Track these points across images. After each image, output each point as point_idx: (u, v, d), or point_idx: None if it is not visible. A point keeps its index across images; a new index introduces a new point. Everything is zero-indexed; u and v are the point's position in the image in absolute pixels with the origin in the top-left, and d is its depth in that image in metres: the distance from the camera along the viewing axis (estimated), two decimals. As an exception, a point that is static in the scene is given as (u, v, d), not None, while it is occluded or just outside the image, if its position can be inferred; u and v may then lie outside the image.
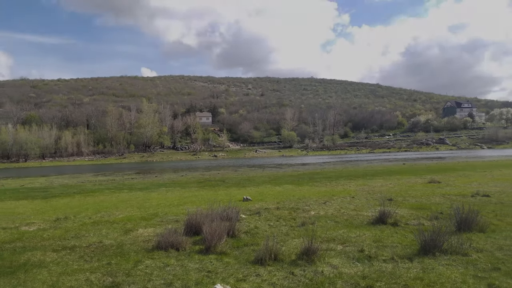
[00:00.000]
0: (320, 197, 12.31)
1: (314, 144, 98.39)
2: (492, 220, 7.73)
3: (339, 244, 6.18)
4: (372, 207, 9.81)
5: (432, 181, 16.41)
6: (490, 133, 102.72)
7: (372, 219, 8.02)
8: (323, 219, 8.44)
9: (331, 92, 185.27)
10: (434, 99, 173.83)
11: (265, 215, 9.17)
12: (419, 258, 5.24)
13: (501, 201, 10.41)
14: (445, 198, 11.35)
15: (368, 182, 17.50)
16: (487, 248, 5.67)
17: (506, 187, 13.68)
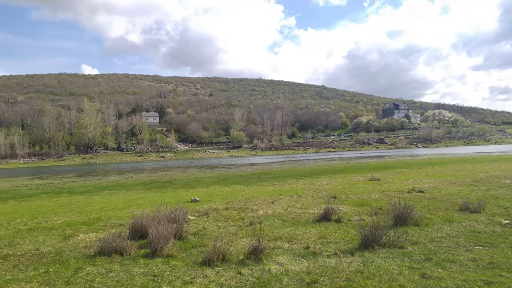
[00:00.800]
0: (268, 197, 12.49)
1: (262, 144, 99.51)
2: (426, 214, 8.32)
3: (286, 242, 6.32)
4: (317, 205, 10.15)
5: (373, 179, 17.30)
6: (424, 133, 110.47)
7: (317, 217, 8.28)
8: (271, 218, 8.57)
9: (279, 93, 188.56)
10: (375, 101, 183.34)
11: (213, 215, 9.13)
12: (360, 252, 5.51)
13: (433, 196, 11.22)
14: (384, 194, 12.01)
15: (314, 181, 18.05)
16: (421, 240, 6.10)
17: (438, 183, 14.78)
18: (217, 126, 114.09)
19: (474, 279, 4.22)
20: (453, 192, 11.84)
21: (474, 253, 5.29)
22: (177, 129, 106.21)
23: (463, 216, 7.99)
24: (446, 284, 4.13)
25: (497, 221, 7.30)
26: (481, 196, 10.79)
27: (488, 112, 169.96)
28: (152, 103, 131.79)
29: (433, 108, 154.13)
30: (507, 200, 9.91)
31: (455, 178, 16.27)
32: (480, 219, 7.57)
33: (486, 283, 4.08)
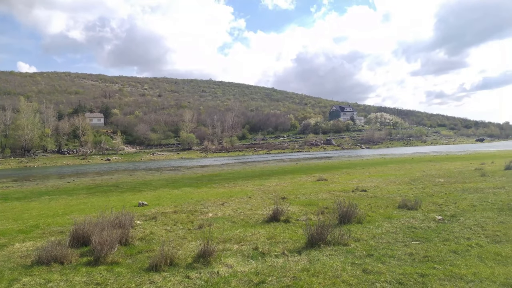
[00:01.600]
0: (218, 199, 12.44)
1: (213, 146, 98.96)
2: (368, 212, 8.74)
3: (235, 244, 6.33)
4: (267, 206, 10.28)
5: (320, 179, 17.85)
6: (368, 135, 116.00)
7: (266, 218, 8.40)
8: (220, 220, 8.55)
9: (229, 94, 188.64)
10: (322, 103, 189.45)
11: (161, 219, 8.93)
12: (307, 251, 5.67)
13: (375, 195, 11.82)
14: (330, 194, 12.45)
15: (264, 182, 18.26)
16: (363, 237, 6.40)
17: (379, 182, 15.59)
18: (166, 127, 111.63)
19: (410, 272, 4.51)
20: (393, 191, 12.55)
21: (411, 247, 5.65)
22: (123, 131, 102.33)
23: (402, 213, 8.50)
24: (385, 278, 4.37)
25: (432, 217, 7.85)
26: (418, 194, 11.54)
27: (425, 115, 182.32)
28: (96, 103, 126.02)
29: (376, 111, 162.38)
30: (440, 197, 10.68)
31: (395, 177, 17.25)
32: (416, 216, 8.09)
33: (421, 276, 4.38)
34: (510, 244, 5.56)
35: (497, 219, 7.40)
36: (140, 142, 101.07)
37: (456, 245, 5.64)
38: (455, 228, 6.82)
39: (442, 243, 5.82)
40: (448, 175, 17.28)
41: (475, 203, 9.40)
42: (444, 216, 7.93)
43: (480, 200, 9.72)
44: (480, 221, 7.30)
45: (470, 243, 5.73)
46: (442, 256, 5.11)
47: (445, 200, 10.11)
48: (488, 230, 6.54)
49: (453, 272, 4.40)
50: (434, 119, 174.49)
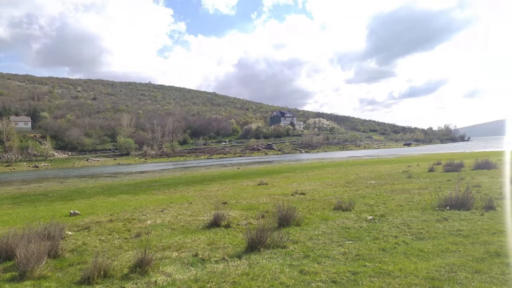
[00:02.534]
0: (157, 205, 12.11)
1: (153, 151, 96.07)
2: (306, 214, 9.04)
3: (174, 251, 6.21)
4: (208, 212, 10.21)
5: (261, 183, 18.12)
6: (307, 139, 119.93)
7: (207, 223, 8.34)
8: (159, 228, 8.33)
9: (169, 98, 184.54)
10: (263, 108, 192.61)
11: (95, 229, 8.48)
12: (247, 255, 5.72)
13: (313, 197, 12.25)
14: (271, 198, 12.68)
15: (205, 188, 18.11)
16: (301, 239, 6.61)
17: (317, 185, 16.19)
18: (102, 132, 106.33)
19: (343, 270, 4.75)
20: (330, 193, 13.10)
21: (345, 247, 5.95)
22: (54, 136, 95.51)
23: (337, 214, 8.90)
24: (321, 278, 4.56)
25: (364, 217, 8.32)
26: (352, 195, 12.16)
27: (359, 121, 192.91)
28: (23, 106, 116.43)
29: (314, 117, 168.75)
30: (371, 198, 11.35)
31: (332, 180, 18.03)
32: (350, 216, 8.52)
33: (353, 273, 4.62)
34: (432, 240, 6.07)
35: (421, 217, 8.03)
36: (73, 147, 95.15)
37: (385, 243, 6.03)
38: (384, 227, 7.30)
39: (373, 242, 6.19)
40: (379, 177, 18.42)
41: (402, 203, 10.12)
42: (375, 216, 8.45)
43: (407, 200, 10.49)
44: (406, 220, 7.87)
45: (397, 240, 6.16)
46: (372, 254, 5.44)
47: (376, 201, 10.76)
48: (413, 228, 7.07)
49: (382, 268, 4.71)
50: (367, 124, 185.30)
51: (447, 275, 4.30)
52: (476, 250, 5.26)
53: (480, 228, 6.62)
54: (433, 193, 11.20)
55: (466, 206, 8.61)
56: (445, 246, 5.62)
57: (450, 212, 8.29)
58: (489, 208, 8.40)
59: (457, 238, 6.06)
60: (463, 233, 6.39)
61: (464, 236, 6.18)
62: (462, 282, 4.08)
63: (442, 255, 5.17)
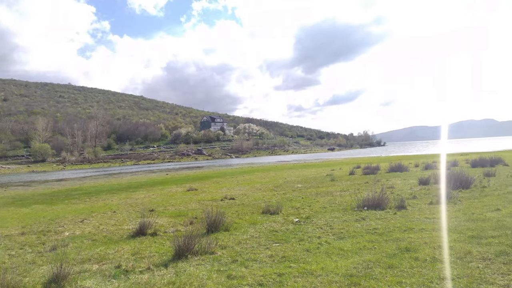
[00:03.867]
0: (77, 215, 11.32)
1: (73, 157, 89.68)
2: (235, 219, 9.10)
3: (95, 264, 5.85)
4: (133, 220, 9.80)
5: (191, 189, 17.85)
6: (237, 145, 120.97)
7: (132, 232, 8.00)
8: (79, 239, 7.79)
9: (92, 101, 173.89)
10: (193, 113, 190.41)
11: (4, 243, 7.68)
12: (174, 263, 5.59)
13: (243, 202, 12.37)
14: (200, 204, 12.55)
15: (131, 195, 17.34)
16: (230, 244, 6.63)
17: (247, 190, 16.38)
18: (14, 137, 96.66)
19: (270, 273, 4.86)
20: (258, 197, 13.34)
21: (272, 250, 6.09)
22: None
23: (265, 218, 9.09)
24: (247, 281, 4.61)
25: (290, 220, 8.60)
26: (279, 199, 12.51)
27: (287, 127, 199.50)
28: None
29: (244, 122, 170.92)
30: (298, 201, 11.79)
31: (261, 185, 18.37)
32: (277, 220, 8.76)
33: (279, 275, 4.75)
34: (351, 239, 6.47)
35: (342, 218, 8.53)
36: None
37: (309, 244, 6.30)
38: (309, 228, 7.62)
39: (298, 243, 6.43)
40: (305, 181, 19.20)
41: (325, 205, 10.65)
42: (301, 218, 8.78)
43: (330, 202, 11.07)
44: (329, 221, 8.30)
45: (320, 241, 6.46)
46: (297, 255, 5.64)
47: (301, 203, 11.19)
48: (335, 228, 7.47)
49: (306, 268, 4.91)
50: (295, 130, 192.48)
51: (363, 271, 4.62)
52: (389, 247, 5.72)
53: (393, 226, 7.21)
54: (353, 194, 11.97)
55: (381, 206, 9.33)
56: (362, 244, 6.02)
57: (367, 212, 8.92)
58: (401, 207, 9.19)
59: (373, 236, 6.54)
60: (379, 231, 6.91)
61: (379, 234, 6.69)
62: (377, 277, 4.40)
63: (360, 253, 5.54)
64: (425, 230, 6.66)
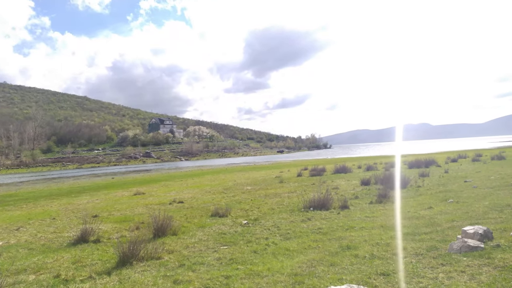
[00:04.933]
0: (12, 223, 10.57)
1: (8, 161, 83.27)
2: (184, 223, 9.00)
3: (31, 274, 5.51)
4: (75, 227, 9.36)
5: (138, 193, 17.32)
6: (187, 147, 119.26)
7: (73, 239, 7.64)
8: (13, 249, 7.29)
9: (30, 101, 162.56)
10: (141, 115, 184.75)
11: None
12: (117, 271, 5.41)
13: (192, 205, 12.25)
14: (147, 208, 12.23)
15: (73, 200, 16.48)
16: (177, 248, 6.55)
17: (196, 193, 16.23)
18: None
19: (217, 276, 4.87)
20: (208, 200, 13.28)
21: (220, 252, 6.11)
22: None
23: (214, 221, 9.09)
24: (194, 285, 4.59)
25: (239, 222, 8.67)
26: (229, 201, 12.55)
27: (237, 129, 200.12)
28: None
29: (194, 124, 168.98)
30: (247, 203, 11.90)
31: (210, 187, 18.29)
32: (226, 222, 8.79)
33: (226, 278, 4.78)
34: (297, 239, 6.67)
35: (289, 219, 8.75)
36: None
37: (257, 245, 6.40)
38: (257, 230, 7.73)
39: (246, 245, 6.51)
40: (255, 183, 19.41)
41: (274, 206, 10.86)
42: (249, 220, 8.88)
43: (278, 204, 11.30)
44: (277, 222, 8.48)
45: (267, 242, 6.59)
46: (245, 257, 5.72)
47: (250, 205, 11.32)
48: (282, 229, 7.65)
49: (252, 270, 4.99)
50: (245, 133, 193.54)
51: (308, 270, 4.79)
52: (332, 245, 5.97)
53: (336, 225, 7.54)
54: (300, 196, 12.32)
55: (326, 207, 9.69)
56: (307, 243, 6.23)
57: (313, 213, 9.23)
58: (344, 207, 9.62)
59: (317, 236, 6.78)
60: (323, 230, 7.18)
61: (324, 233, 6.96)
62: (320, 275, 4.59)
63: (305, 252, 5.73)
64: (365, 229, 7.03)
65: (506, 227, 5.77)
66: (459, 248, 4.84)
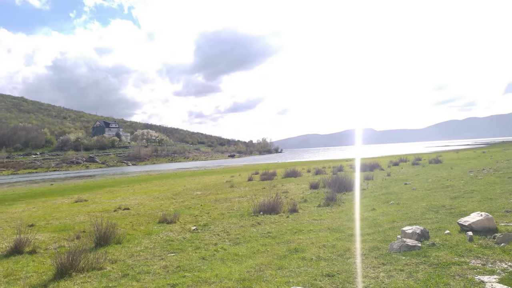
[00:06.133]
0: None
1: None
2: (129, 230, 8.65)
3: (-46, 292, 4.99)
4: (8, 237, 8.67)
5: (79, 200, 16.43)
6: (134, 152, 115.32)
7: (5, 251, 7.06)
8: None
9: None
10: (84, 118, 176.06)
11: None
12: (55, 283, 5.05)
13: (138, 212, 11.82)
14: (90, 216, 11.61)
15: (7, 209, 15.26)
16: (121, 257, 6.26)
17: (143, 199, 15.71)
18: None
19: (163, 284, 4.71)
20: (156, 206, 12.90)
21: (166, 260, 5.93)
22: None
23: (161, 227, 8.83)
24: (138, 296, 4.41)
25: (188, 228, 8.50)
26: (177, 207, 12.28)
27: (187, 133, 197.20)
28: None
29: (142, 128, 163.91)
30: (196, 209, 11.71)
31: (159, 193, 17.79)
32: (175, 229, 8.57)
33: (172, 286, 4.63)
34: (246, 244, 6.66)
35: (239, 224, 8.73)
36: None
37: (205, 252, 6.29)
38: (206, 236, 7.62)
39: (194, 251, 6.38)
40: (205, 188, 19.19)
41: (224, 211, 10.79)
42: (198, 226, 8.74)
43: (228, 209, 11.24)
44: (226, 227, 8.42)
45: (216, 248, 6.51)
46: (193, 264, 5.59)
47: (200, 211, 11.15)
48: (231, 234, 7.61)
49: (200, 277, 4.88)
50: (195, 137, 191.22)
51: (256, 275, 4.78)
52: (280, 249, 6.03)
53: (285, 229, 7.63)
54: (250, 200, 12.35)
55: (276, 210, 9.80)
56: (256, 248, 6.24)
57: (263, 217, 9.28)
58: (293, 211, 9.78)
59: (266, 240, 6.82)
60: (272, 234, 7.24)
61: (273, 237, 7.01)
62: (267, 279, 4.60)
63: (253, 257, 5.72)
64: (312, 231, 7.18)
65: (440, 227, 6.16)
66: (398, 248, 5.09)
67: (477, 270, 4.10)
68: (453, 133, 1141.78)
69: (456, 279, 3.91)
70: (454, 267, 4.24)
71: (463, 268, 4.20)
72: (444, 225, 6.22)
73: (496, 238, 5.07)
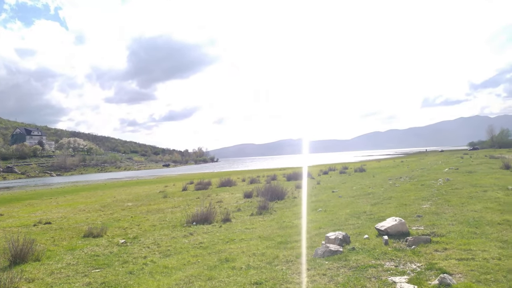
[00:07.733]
0: None
1: None
2: (50, 246, 8.06)
3: None
4: None
5: (-7, 215, 14.92)
6: (59, 161, 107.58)
7: None
8: None
9: None
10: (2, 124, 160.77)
11: None
12: (-41, 309, 4.58)
13: (61, 226, 11.05)
14: (5, 231, 10.62)
15: None
16: (39, 276, 5.82)
17: (68, 212, 14.72)
18: None
19: (85, 302, 4.49)
20: (81, 220, 12.16)
21: (90, 277, 5.63)
22: None
23: (87, 242, 8.35)
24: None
25: (116, 242, 8.14)
26: (106, 220, 11.70)
27: (119, 142, 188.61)
28: None
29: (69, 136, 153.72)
30: (126, 221, 11.26)
31: (85, 205, 16.79)
32: (101, 243, 8.16)
33: (95, 303, 4.44)
34: (177, 256, 6.56)
35: (171, 235, 8.56)
36: None
37: (133, 266, 6.09)
38: (135, 249, 7.37)
39: (121, 266, 6.14)
40: (136, 199, 18.50)
41: (155, 223, 10.51)
42: (127, 239, 8.42)
43: (160, 220, 10.96)
44: (157, 239, 8.22)
45: (145, 261, 6.33)
46: (119, 279, 5.38)
47: (130, 223, 10.74)
48: (162, 246, 7.44)
49: (126, 292, 4.73)
50: (128, 146, 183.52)
51: (185, 287, 4.75)
52: (212, 259, 6.04)
53: (217, 239, 7.65)
54: (184, 211, 12.18)
55: (209, 220, 9.78)
56: (187, 259, 6.18)
57: (196, 227, 9.21)
58: (227, 220, 9.84)
59: (198, 251, 6.79)
60: (204, 245, 7.22)
61: (204, 247, 6.99)
62: (197, 290, 4.60)
63: (183, 268, 5.67)
64: (244, 240, 7.29)
65: (361, 232, 6.62)
66: (322, 253, 5.38)
67: (390, 272, 4.48)
68: (376, 144, 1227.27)
69: (372, 281, 4.24)
70: (371, 270, 4.60)
71: (378, 270, 4.56)
72: (364, 230, 6.69)
73: (408, 241, 5.58)
